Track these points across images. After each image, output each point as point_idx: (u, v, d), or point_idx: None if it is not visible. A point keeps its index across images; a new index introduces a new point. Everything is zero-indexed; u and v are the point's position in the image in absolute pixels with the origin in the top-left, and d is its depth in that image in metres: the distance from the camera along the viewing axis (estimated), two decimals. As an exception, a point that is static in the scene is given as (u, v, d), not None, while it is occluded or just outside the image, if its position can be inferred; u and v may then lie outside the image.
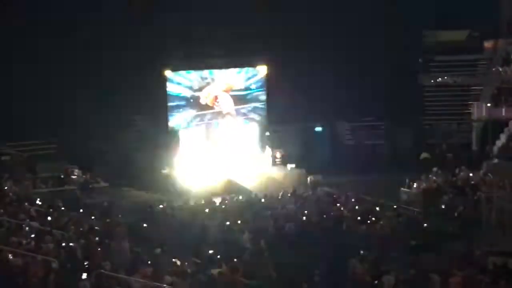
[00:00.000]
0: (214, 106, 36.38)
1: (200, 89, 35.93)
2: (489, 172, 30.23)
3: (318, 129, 41.52)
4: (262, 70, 36.60)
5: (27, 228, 20.97)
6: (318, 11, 39.05)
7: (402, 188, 30.34)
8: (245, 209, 26.32)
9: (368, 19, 39.30)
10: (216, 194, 30.32)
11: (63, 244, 19.23)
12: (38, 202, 26.64)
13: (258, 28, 37.41)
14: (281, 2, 38.43)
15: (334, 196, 28.87)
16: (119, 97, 35.72)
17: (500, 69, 40.18)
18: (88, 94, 35.72)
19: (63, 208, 25.75)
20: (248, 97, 36.85)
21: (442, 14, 41.05)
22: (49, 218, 23.34)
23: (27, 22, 35.73)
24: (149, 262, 18.13)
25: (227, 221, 23.76)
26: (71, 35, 36.07)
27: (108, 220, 24.25)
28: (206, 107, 36.18)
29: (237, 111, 36.75)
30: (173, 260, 18.68)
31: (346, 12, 39.09)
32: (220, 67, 36.13)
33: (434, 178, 30.68)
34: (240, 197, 28.53)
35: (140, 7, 36.40)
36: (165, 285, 16.49)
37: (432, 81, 41.67)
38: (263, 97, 36.88)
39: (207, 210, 25.91)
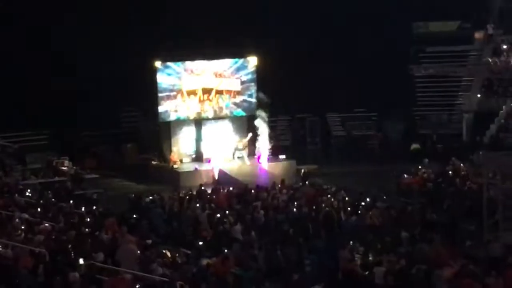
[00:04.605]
0: (204, 97, 36.21)
1: (190, 80, 35.76)
2: (479, 163, 30.29)
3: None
4: (252, 61, 36.43)
5: (17, 219, 20.87)
6: (309, 3, 38.97)
7: (392, 179, 30.38)
8: (236, 200, 26.29)
9: (358, 10, 39.23)
10: (207, 185, 30.26)
11: (54, 236, 19.16)
12: (28, 193, 26.54)
13: (249, 18, 37.35)
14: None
15: (325, 187, 28.85)
16: (109, 88, 35.58)
17: (490, 60, 40.26)
18: (79, 85, 35.64)
19: (53, 199, 25.67)
20: (238, 88, 36.64)
21: (432, 4, 41.06)
22: (39, 209, 23.26)
23: (24, 14, 35.65)
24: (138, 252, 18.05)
25: (217, 212, 23.74)
26: (63, 27, 36.03)
27: (98, 211, 24.23)
28: (195, 97, 36.01)
29: (227, 102, 36.57)
30: (163, 251, 18.66)
31: (336, 3, 39.00)
32: (210, 58, 35.93)
33: (424, 169, 30.73)
34: (231, 188, 28.45)
35: None
36: (155, 276, 16.45)
37: (423, 71, 41.63)
38: (253, 88, 36.62)
39: (197, 201, 25.84)
